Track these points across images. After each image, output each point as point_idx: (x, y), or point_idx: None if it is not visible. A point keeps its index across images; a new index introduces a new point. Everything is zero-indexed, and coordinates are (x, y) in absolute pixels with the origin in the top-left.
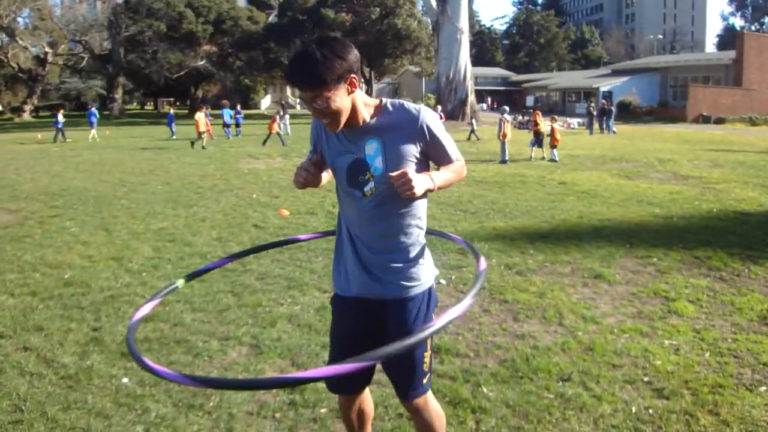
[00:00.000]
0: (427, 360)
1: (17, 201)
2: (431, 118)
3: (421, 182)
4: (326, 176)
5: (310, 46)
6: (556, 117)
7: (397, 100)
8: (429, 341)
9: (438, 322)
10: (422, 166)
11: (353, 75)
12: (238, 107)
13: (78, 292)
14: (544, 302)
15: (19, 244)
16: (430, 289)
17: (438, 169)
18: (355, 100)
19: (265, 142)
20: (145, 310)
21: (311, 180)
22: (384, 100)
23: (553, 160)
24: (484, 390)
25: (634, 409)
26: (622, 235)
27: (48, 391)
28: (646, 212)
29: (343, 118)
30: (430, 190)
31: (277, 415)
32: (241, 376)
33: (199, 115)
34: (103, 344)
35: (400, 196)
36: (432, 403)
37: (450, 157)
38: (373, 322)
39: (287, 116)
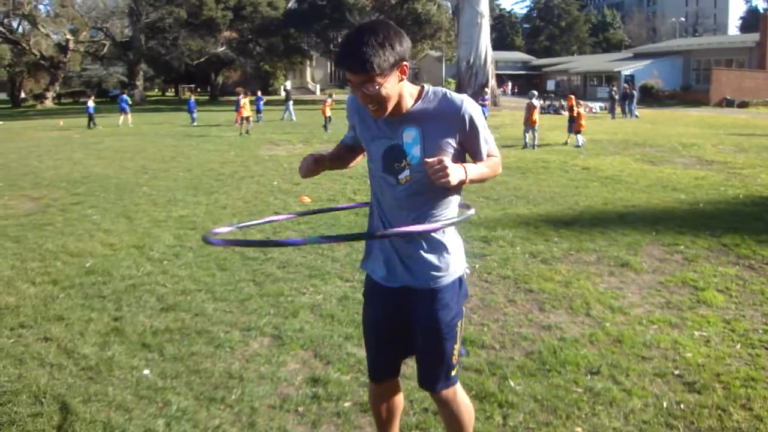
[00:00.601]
0: (456, 352)
1: (39, 188)
2: (474, 110)
3: (456, 172)
4: (359, 159)
5: (363, 30)
6: (581, 102)
7: (440, 88)
8: (459, 334)
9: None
10: (459, 157)
11: (405, 62)
12: (259, 93)
13: (99, 281)
14: (570, 292)
15: (40, 231)
16: (460, 279)
17: (474, 162)
18: (403, 90)
19: (325, 126)
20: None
21: (312, 173)
22: (426, 87)
23: (577, 146)
24: (511, 383)
25: (665, 404)
26: (647, 221)
27: (68, 383)
28: (671, 198)
29: (391, 105)
30: (463, 182)
31: (300, 408)
32: (263, 368)
33: (244, 101)
34: (124, 335)
35: (434, 186)
36: (461, 396)
37: (484, 153)
38: (402, 310)
39: (290, 102)
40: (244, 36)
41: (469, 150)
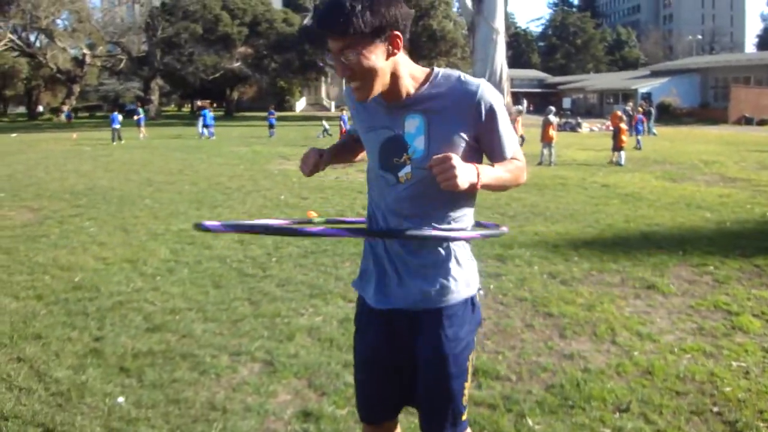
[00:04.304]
0: (466, 392)
1: (40, 199)
2: (493, 96)
3: (465, 173)
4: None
5: None
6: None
7: (453, 71)
8: (470, 369)
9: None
10: (474, 154)
11: (397, 33)
12: (272, 108)
13: (85, 297)
14: (594, 316)
15: (33, 243)
16: (472, 300)
17: (491, 164)
18: (398, 66)
19: None
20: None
21: (316, 169)
22: (436, 69)
23: (619, 164)
24: (529, 422)
25: None
26: (673, 241)
27: (34, 410)
28: (696, 216)
29: (377, 84)
30: (474, 186)
31: None
32: (250, 399)
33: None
34: (102, 356)
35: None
36: None
37: (505, 152)
38: (402, 336)
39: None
40: (260, 52)
41: (485, 147)
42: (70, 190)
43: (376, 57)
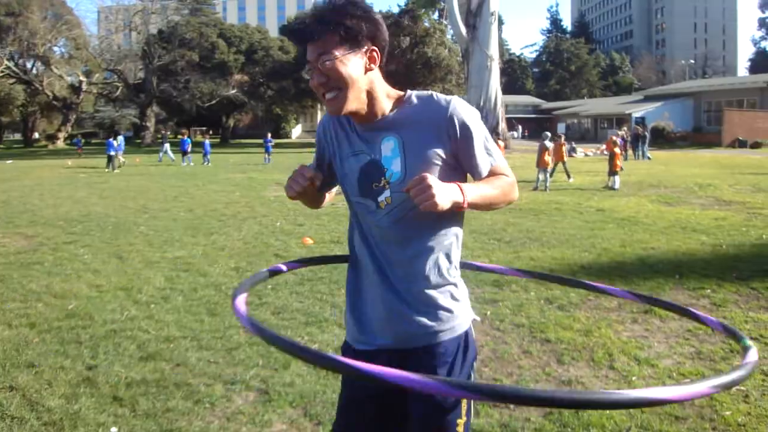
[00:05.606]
0: (461, 429)
1: (35, 226)
2: (465, 111)
3: (445, 191)
4: (329, 196)
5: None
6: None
7: (426, 91)
8: (466, 404)
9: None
10: (454, 173)
11: (375, 48)
12: (269, 135)
13: (79, 325)
14: (591, 341)
15: (27, 271)
16: (466, 336)
17: (474, 180)
18: (374, 86)
19: None
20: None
21: (308, 190)
22: (410, 91)
23: (613, 188)
24: None
25: None
26: (669, 264)
27: None
28: (692, 240)
29: (351, 95)
30: (459, 206)
31: None
32: (245, 428)
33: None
34: (95, 385)
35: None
36: None
37: (487, 165)
38: (390, 391)
39: (167, 145)
40: (256, 79)
41: (465, 164)
42: (64, 217)
43: (353, 66)
